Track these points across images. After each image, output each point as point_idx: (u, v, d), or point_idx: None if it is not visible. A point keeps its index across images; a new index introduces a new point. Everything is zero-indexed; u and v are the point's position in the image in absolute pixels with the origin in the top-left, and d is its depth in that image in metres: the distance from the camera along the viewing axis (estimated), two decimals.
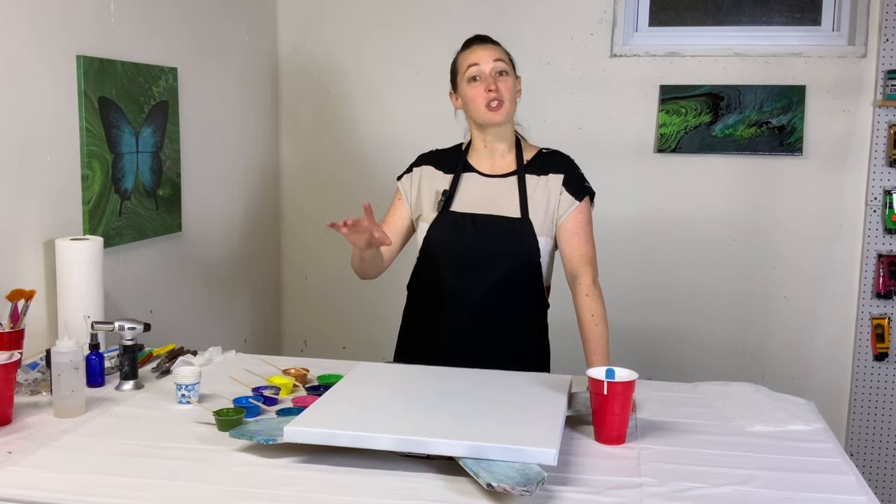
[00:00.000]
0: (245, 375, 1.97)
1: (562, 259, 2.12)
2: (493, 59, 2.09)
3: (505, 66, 2.10)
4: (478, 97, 2.08)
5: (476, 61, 2.09)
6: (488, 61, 2.09)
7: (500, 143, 2.14)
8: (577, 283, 2.06)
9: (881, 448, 3.32)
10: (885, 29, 3.14)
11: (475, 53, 2.11)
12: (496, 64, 2.09)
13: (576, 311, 2.05)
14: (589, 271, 2.07)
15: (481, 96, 2.07)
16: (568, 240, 2.09)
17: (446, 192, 2.12)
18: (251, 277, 3.47)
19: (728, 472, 1.49)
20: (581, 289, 2.05)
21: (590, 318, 2.01)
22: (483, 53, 2.10)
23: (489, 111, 2.07)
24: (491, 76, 2.08)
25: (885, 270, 3.24)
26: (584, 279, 2.05)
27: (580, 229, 2.10)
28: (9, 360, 1.67)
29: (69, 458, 1.51)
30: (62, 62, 2.24)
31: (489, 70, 2.08)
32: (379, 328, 3.57)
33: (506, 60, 2.12)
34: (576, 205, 2.10)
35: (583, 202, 2.11)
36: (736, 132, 3.31)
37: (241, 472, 1.46)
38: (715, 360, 3.43)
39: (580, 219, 2.10)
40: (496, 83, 2.07)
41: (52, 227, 2.22)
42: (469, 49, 2.14)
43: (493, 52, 2.11)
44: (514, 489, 1.31)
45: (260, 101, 3.49)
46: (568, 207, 2.09)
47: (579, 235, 2.09)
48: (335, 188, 3.65)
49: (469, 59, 2.11)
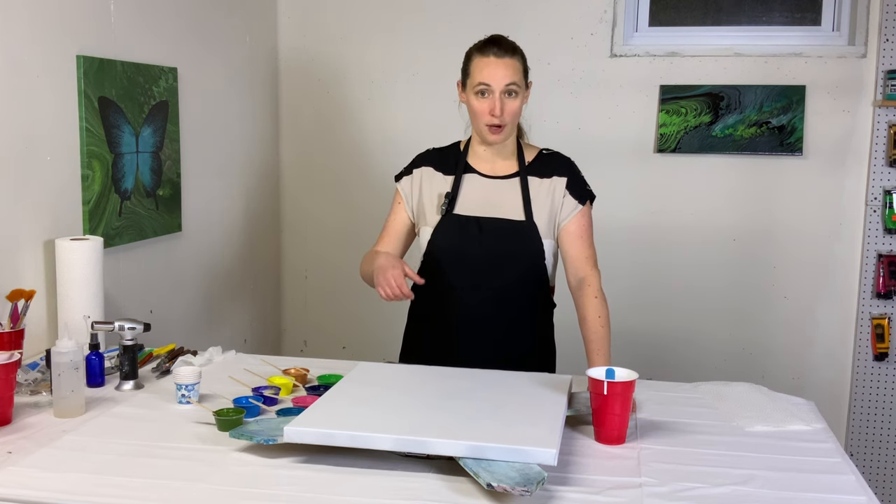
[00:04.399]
0: (245, 375, 1.97)
1: (564, 261, 2.11)
2: (507, 81, 2.01)
3: (516, 87, 2.03)
4: (481, 114, 2.04)
5: (487, 80, 2.01)
6: (500, 83, 2.01)
7: (500, 148, 2.13)
8: (586, 284, 2.05)
9: (881, 448, 3.32)
10: (885, 29, 3.14)
11: (489, 69, 2.02)
12: (507, 87, 2.02)
13: (580, 311, 2.04)
14: (596, 274, 2.06)
15: (484, 115, 2.04)
16: (572, 242, 2.09)
17: (449, 195, 2.12)
18: (251, 277, 3.47)
19: (728, 472, 1.49)
20: (590, 290, 2.03)
21: (596, 319, 2.00)
22: (497, 72, 2.02)
23: (489, 131, 2.05)
24: (499, 98, 2.02)
25: (885, 270, 3.24)
26: (592, 281, 2.05)
27: (583, 232, 2.09)
28: (9, 360, 1.67)
29: (69, 458, 1.51)
30: (62, 62, 2.24)
31: (498, 92, 2.02)
32: (379, 328, 3.57)
33: (518, 80, 2.04)
34: (579, 209, 2.09)
35: (585, 206, 2.11)
36: (736, 132, 3.31)
37: (240, 472, 1.46)
38: (715, 359, 3.43)
39: (583, 222, 2.10)
40: (502, 106, 2.02)
41: (52, 227, 2.22)
42: (485, 58, 2.04)
43: (508, 73, 2.02)
44: (514, 489, 1.31)
45: (260, 101, 3.49)
46: (571, 211, 2.09)
47: (583, 238, 2.09)
48: (335, 188, 3.65)
49: (482, 75, 2.03)
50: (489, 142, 2.09)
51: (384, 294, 1.94)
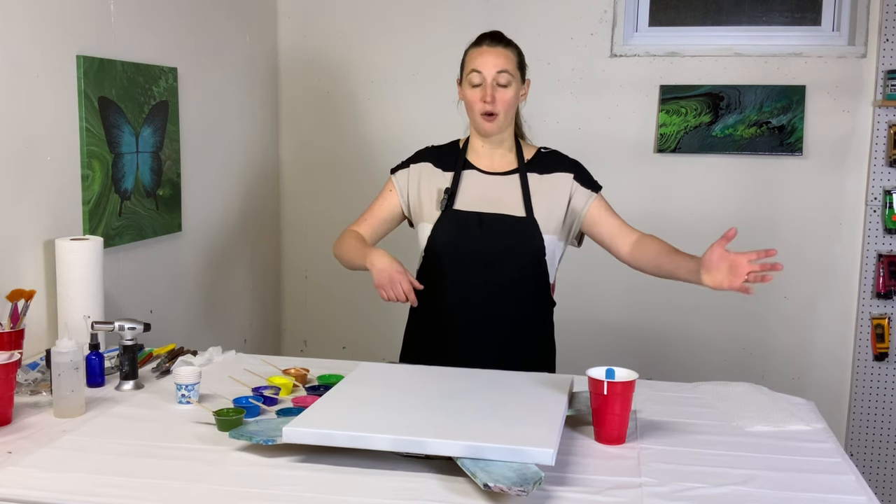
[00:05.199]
0: (245, 375, 1.98)
1: (606, 242, 2.12)
2: (497, 69, 2.04)
3: (508, 76, 2.05)
4: (474, 103, 2.07)
5: (479, 68, 2.05)
6: (491, 70, 2.04)
7: (498, 145, 2.14)
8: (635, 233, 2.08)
9: (881, 448, 3.32)
10: (885, 29, 3.14)
11: (482, 57, 2.06)
12: (499, 75, 2.04)
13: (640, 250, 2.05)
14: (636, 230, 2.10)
15: (477, 104, 2.06)
16: (604, 220, 2.11)
17: (448, 191, 2.12)
18: (251, 277, 3.47)
19: (728, 472, 1.49)
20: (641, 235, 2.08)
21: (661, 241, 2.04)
22: (489, 59, 2.05)
23: (483, 120, 2.07)
24: (491, 86, 2.04)
25: (885, 270, 3.24)
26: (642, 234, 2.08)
27: (609, 210, 2.13)
28: (9, 360, 1.67)
29: (69, 458, 1.51)
30: (62, 62, 2.24)
31: (490, 79, 2.04)
32: (379, 328, 3.58)
33: (511, 69, 2.06)
34: (594, 196, 2.13)
35: (599, 194, 2.14)
36: (736, 132, 3.31)
37: (240, 472, 1.46)
38: (715, 359, 3.43)
39: (603, 205, 2.13)
40: (493, 94, 2.04)
41: (52, 227, 2.22)
42: (478, 49, 2.08)
43: (499, 60, 2.05)
44: (511, 489, 1.31)
45: (260, 101, 3.49)
46: (587, 199, 2.12)
47: (611, 213, 2.12)
48: (335, 188, 3.65)
49: (474, 63, 2.07)
50: (484, 132, 2.09)
51: (387, 297, 1.97)
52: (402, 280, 1.98)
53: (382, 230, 2.22)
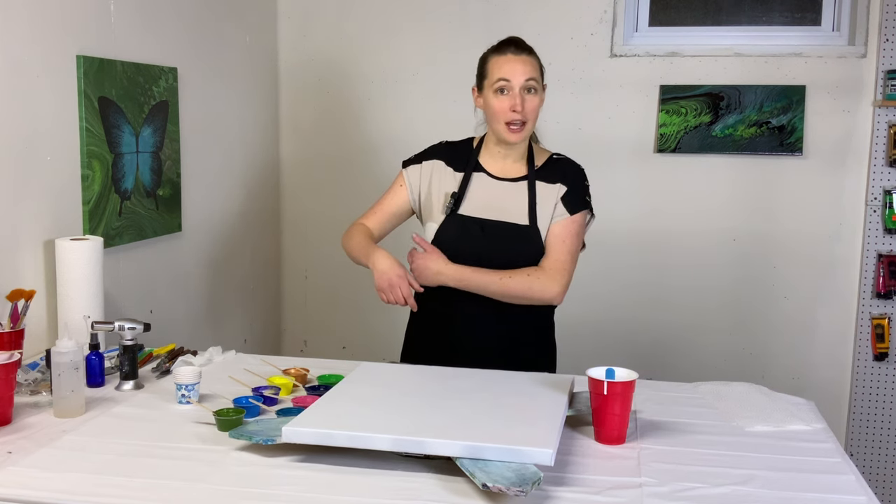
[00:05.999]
0: (245, 375, 1.98)
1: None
2: (526, 76, 2.01)
3: (535, 84, 2.03)
4: (501, 112, 2.03)
5: (507, 76, 2.01)
6: (520, 78, 2.01)
7: (513, 150, 2.13)
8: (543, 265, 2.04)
9: (881, 448, 3.32)
10: (885, 29, 3.14)
11: (509, 65, 2.02)
12: (527, 83, 2.02)
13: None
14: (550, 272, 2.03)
15: (505, 113, 2.03)
16: (550, 243, 2.07)
17: (455, 195, 2.12)
18: (251, 277, 3.47)
19: (728, 472, 1.49)
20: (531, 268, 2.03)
21: (515, 271, 2.02)
22: (517, 67, 2.02)
23: (509, 130, 2.04)
24: (520, 94, 2.01)
25: (885, 270, 3.24)
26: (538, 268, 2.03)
27: (566, 236, 2.07)
28: (9, 360, 1.67)
29: (69, 458, 1.51)
30: (62, 62, 2.24)
31: (518, 88, 2.01)
32: (379, 328, 3.58)
33: (537, 77, 2.04)
34: (565, 216, 2.08)
35: (577, 215, 2.09)
36: (736, 132, 3.31)
37: (240, 471, 1.46)
38: (715, 359, 3.43)
39: (570, 228, 2.07)
40: (523, 103, 2.01)
41: (52, 227, 2.22)
42: (503, 56, 2.04)
43: (527, 68, 2.02)
44: (510, 489, 1.31)
45: (260, 101, 3.49)
46: (560, 217, 2.08)
47: (560, 237, 2.06)
48: (335, 188, 3.65)
49: (501, 71, 2.02)
50: (509, 141, 2.06)
51: (386, 300, 1.99)
52: (401, 284, 1.98)
53: (391, 224, 2.22)
